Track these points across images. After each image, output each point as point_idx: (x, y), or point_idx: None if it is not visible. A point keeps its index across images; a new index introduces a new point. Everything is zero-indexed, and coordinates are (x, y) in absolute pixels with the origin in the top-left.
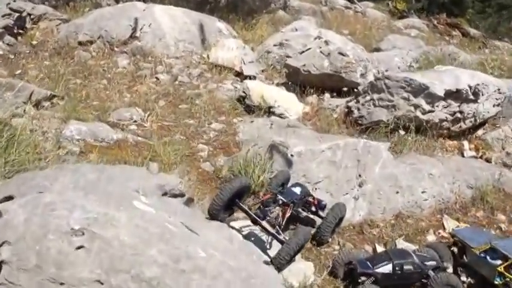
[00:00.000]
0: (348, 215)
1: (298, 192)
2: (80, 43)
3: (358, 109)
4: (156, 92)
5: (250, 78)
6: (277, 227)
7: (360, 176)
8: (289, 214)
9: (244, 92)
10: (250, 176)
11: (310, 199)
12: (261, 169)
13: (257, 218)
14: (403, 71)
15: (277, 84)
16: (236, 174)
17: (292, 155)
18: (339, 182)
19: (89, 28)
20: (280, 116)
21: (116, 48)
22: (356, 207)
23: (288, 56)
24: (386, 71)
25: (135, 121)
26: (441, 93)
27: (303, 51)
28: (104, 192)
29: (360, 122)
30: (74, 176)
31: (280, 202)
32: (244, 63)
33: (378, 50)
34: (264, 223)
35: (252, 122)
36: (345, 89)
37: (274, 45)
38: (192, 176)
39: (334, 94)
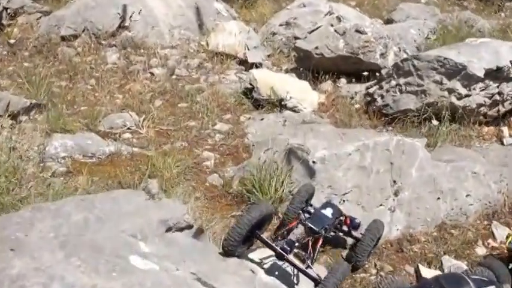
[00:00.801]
0: (384, 230)
1: (330, 216)
2: (63, 38)
3: (382, 96)
4: (152, 90)
5: (255, 66)
6: (308, 261)
7: (394, 182)
8: (320, 244)
9: (250, 83)
10: (267, 190)
11: (342, 218)
12: (278, 181)
13: (283, 253)
14: (420, 44)
15: (287, 71)
16: (253, 196)
17: (314, 162)
18: (371, 192)
19: (72, 20)
20: (293, 109)
21: (103, 42)
22: (393, 221)
23: (296, 37)
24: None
25: (129, 128)
26: (481, 74)
27: (313, 30)
28: (91, 248)
29: (384, 111)
30: (54, 220)
31: (310, 231)
32: (248, 49)
33: (390, 21)
34: (291, 258)
35: (262, 119)
36: (365, 73)
37: (280, 25)
38: (199, 192)
39: (352, 79)
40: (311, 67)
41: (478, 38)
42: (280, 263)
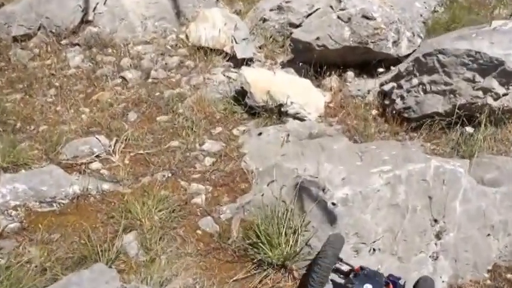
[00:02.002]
0: None
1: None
2: (15, 39)
3: (402, 98)
4: (124, 100)
5: (246, 63)
6: None
7: (435, 221)
8: None
9: (242, 87)
10: (277, 243)
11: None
12: (290, 229)
13: None
14: (427, 19)
15: (283, 65)
16: (259, 251)
17: (334, 204)
18: (408, 236)
19: (24, 17)
20: (296, 116)
21: (63, 41)
22: (436, 271)
23: (291, 24)
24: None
25: (98, 156)
26: None
27: (310, 14)
28: None
29: (406, 115)
30: None
31: None
32: (235, 42)
33: None
34: None
35: (260, 134)
36: (380, 69)
37: (271, 10)
38: (189, 246)
39: (360, 72)
40: (312, 60)
41: (505, 19)
42: None
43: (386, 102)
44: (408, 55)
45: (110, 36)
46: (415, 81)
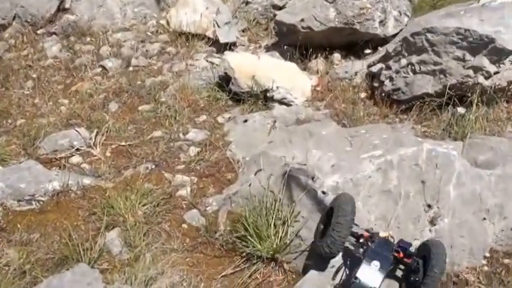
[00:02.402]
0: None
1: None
2: None
3: (391, 79)
4: (104, 90)
5: (229, 48)
6: None
7: (429, 206)
8: None
9: (226, 73)
10: (266, 235)
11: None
12: (279, 220)
13: None
14: None
15: (267, 48)
16: (248, 244)
17: (324, 193)
18: (402, 223)
19: None
20: (282, 102)
21: (40, 30)
22: None
23: (274, 6)
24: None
25: (78, 149)
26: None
27: None
28: None
29: (395, 97)
30: None
31: None
32: (218, 26)
33: None
34: None
35: (245, 121)
36: (367, 50)
37: None
38: (175, 241)
39: (347, 53)
40: (297, 43)
41: None
42: None
43: (375, 84)
44: (395, 35)
45: (88, 24)
46: (403, 61)
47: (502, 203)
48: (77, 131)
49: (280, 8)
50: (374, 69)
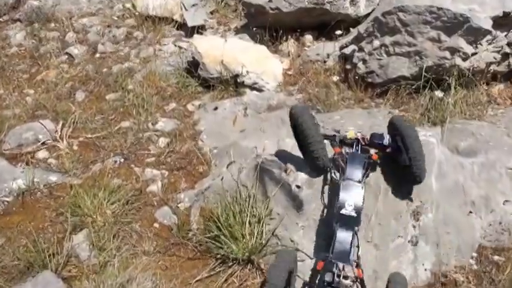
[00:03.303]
0: (408, 273)
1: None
2: None
3: (364, 61)
4: (70, 79)
5: (197, 31)
6: None
7: (411, 200)
8: None
9: (194, 57)
10: (240, 235)
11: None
12: (253, 217)
13: None
14: None
15: (237, 31)
16: (222, 245)
17: (298, 187)
18: (383, 219)
19: None
20: (253, 87)
21: (3, 17)
22: (417, 258)
23: None
24: None
25: (44, 143)
26: (488, 25)
27: None
28: None
29: (370, 80)
30: None
31: None
32: (185, 9)
33: None
34: None
35: (215, 108)
36: (339, 31)
37: None
38: (146, 243)
39: (319, 35)
40: (267, 25)
41: None
42: None
43: (348, 66)
44: (368, 15)
45: (53, 10)
46: (376, 43)
47: (487, 194)
48: (41, 123)
49: None
50: (346, 51)
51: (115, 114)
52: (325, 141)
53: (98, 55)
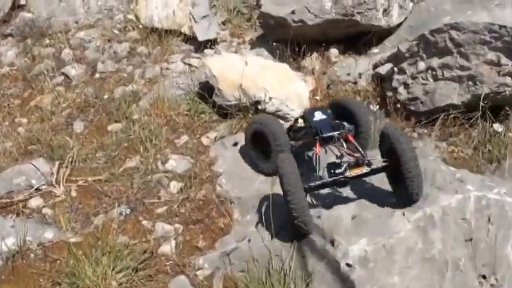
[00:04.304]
0: None
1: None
2: None
3: (406, 85)
4: (68, 105)
5: (210, 45)
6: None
7: (484, 278)
8: None
9: (208, 81)
10: None
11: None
12: None
13: None
14: None
15: (252, 44)
16: None
17: (349, 265)
18: None
19: None
20: (276, 115)
21: None
22: None
23: None
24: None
25: (38, 189)
26: None
27: None
28: None
29: (413, 108)
30: None
31: None
32: (195, 21)
33: None
34: None
35: (235, 144)
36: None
37: None
38: None
39: (346, 48)
40: (288, 38)
41: None
42: None
43: (387, 91)
44: (400, 24)
45: (48, 23)
46: (421, 65)
47: None
48: (34, 166)
49: None
50: (382, 70)
51: (119, 150)
52: None
53: (97, 75)
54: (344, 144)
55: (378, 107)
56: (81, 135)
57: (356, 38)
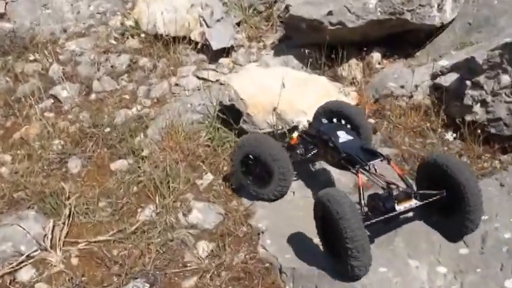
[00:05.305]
0: None
1: None
2: None
3: (484, 103)
4: (59, 136)
5: (225, 54)
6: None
7: None
8: None
9: (232, 102)
10: None
11: None
12: None
13: None
14: None
15: (275, 49)
16: None
17: None
18: None
19: None
20: None
21: None
22: None
23: None
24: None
25: (29, 256)
26: None
27: None
28: None
29: (493, 130)
30: None
31: None
32: (207, 25)
33: None
34: None
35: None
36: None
37: None
38: None
39: (391, 51)
40: (323, 43)
41: None
42: None
43: (455, 107)
44: (451, 21)
45: (31, 33)
46: (505, 79)
47: None
48: (23, 228)
49: None
50: (444, 81)
51: (127, 196)
52: None
53: (93, 96)
54: (376, 169)
55: (454, 135)
56: (78, 177)
57: (399, 37)
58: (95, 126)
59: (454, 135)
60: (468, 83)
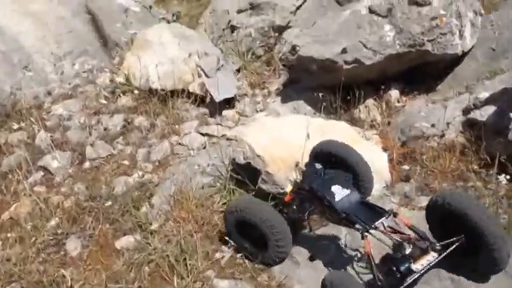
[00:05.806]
0: None
1: None
2: None
3: None
4: (53, 213)
5: (230, 104)
6: None
7: None
8: None
9: (247, 161)
10: None
11: None
12: None
13: None
14: None
15: (281, 95)
16: None
17: None
18: None
19: None
20: None
21: None
22: None
23: (277, 27)
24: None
25: None
26: None
27: (300, 5)
28: None
29: None
30: None
31: None
32: (205, 75)
33: None
34: None
35: (312, 259)
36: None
37: (240, 12)
38: None
39: (407, 87)
40: (338, 84)
41: None
42: None
43: (499, 144)
44: (471, 48)
45: (13, 98)
46: None
47: None
48: None
49: (283, 29)
50: (481, 115)
51: (139, 280)
52: None
53: (87, 164)
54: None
55: (507, 176)
56: (79, 260)
57: (417, 70)
58: (92, 199)
59: (508, 176)
60: (509, 114)
